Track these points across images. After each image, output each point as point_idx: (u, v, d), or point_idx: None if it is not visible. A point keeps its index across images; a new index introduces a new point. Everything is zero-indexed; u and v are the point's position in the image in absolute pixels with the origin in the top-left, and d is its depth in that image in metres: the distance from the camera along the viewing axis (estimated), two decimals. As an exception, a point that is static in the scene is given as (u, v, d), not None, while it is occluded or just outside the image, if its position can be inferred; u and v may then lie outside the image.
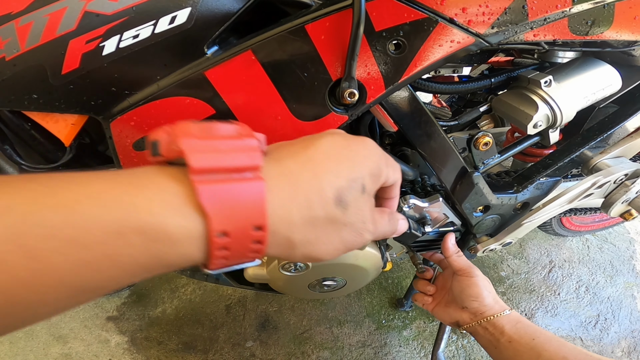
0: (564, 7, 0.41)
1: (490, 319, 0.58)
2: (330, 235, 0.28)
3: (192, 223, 0.21)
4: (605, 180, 0.61)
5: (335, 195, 0.27)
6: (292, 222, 0.26)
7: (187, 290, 1.11)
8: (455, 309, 0.63)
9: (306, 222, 0.26)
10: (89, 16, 0.33)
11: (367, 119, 0.55)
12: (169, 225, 0.20)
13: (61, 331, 1.02)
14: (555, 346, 0.51)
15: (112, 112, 0.38)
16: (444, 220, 0.62)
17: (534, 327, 0.56)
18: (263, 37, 0.36)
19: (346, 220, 0.29)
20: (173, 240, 0.20)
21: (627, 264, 1.19)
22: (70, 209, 0.18)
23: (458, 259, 0.64)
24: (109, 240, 0.19)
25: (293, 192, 0.26)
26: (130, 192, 0.20)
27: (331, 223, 0.28)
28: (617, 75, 0.52)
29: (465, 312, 0.61)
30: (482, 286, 0.61)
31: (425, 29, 0.38)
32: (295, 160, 0.27)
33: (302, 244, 0.27)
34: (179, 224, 0.20)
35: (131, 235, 0.19)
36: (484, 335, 0.58)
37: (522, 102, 0.51)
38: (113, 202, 0.19)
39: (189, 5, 0.34)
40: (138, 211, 0.19)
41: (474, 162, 0.57)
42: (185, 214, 0.21)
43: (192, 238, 0.21)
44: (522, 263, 1.19)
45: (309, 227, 0.27)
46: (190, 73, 0.36)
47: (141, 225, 0.19)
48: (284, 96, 0.40)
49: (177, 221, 0.20)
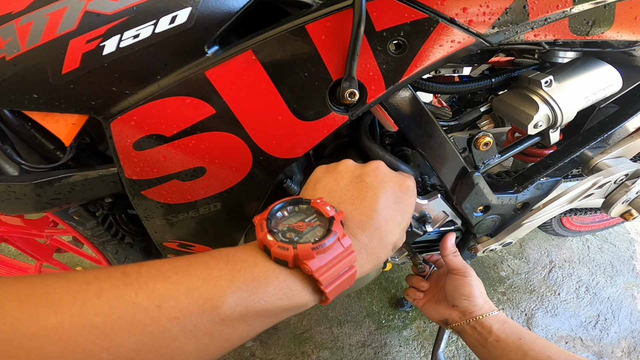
0: (565, 7, 0.41)
1: (479, 319, 0.59)
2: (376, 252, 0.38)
3: (318, 298, 0.33)
4: (606, 180, 0.61)
5: (393, 246, 0.39)
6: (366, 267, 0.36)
7: (187, 290, 1.11)
8: (446, 307, 0.64)
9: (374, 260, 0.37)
10: (90, 16, 0.33)
11: (368, 119, 0.55)
12: (307, 301, 0.32)
13: (61, 331, 1.02)
14: (540, 346, 0.53)
15: (113, 112, 0.38)
16: (444, 219, 0.62)
17: (520, 327, 0.58)
18: (264, 37, 0.36)
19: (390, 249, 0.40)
20: (307, 305, 0.33)
21: (627, 264, 1.19)
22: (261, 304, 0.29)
23: (454, 259, 0.65)
24: (282, 314, 0.31)
25: (368, 257, 0.36)
26: (290, 290, 0.31)
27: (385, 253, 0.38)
28: (617, 76, 0.52)
29: (455, 311, 0.62)
30: (475, 286, 0.62)
31: (426, 29, 0.38)
32: (366, 234, 0.36)
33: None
34: (311, 299, 0.33)
35: (292, 310, 0.32)
36: (471, 335, 0.59)
37: (522, 102, 0.51)
38: (285, 296, 0.31)
39: (190, 5, 0.34)
40: (296, 300, 0.31)
41: (474, 162, 0.57)
42: (315, 296, 0.33)
43: (316, 302, 0.34)
44: (522, 263, 1.19)
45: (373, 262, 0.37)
46: (190, 73, 0.36)
47: (295, 306, 0.32)
48: (284, 96, 0.40)
49: (311, 298, 0.33)
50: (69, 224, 0.65)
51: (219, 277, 0.29)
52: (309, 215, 0.35)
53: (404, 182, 0.41)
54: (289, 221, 0.35)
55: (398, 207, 0.39)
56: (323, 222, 0.34)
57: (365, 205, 0.37)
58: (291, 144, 0.43)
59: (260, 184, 0.47)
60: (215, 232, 0.55)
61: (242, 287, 0.29)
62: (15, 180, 0.44)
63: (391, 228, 0.38)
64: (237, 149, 0.42)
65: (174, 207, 0.49)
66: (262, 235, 0.32)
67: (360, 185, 0.39)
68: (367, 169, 0.40)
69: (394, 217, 0.38)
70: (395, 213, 0.39)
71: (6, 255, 1.06)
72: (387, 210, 0.38)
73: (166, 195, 0.46)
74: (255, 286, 0.29)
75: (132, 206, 0.49)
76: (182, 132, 0.40)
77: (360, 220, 0.36)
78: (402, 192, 0.40)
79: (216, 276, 0.29)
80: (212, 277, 0.29)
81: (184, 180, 0.45)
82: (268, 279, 0.30)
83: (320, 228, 0.33)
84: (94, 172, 0.45)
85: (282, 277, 0.31)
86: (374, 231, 0.36)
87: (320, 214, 0.35)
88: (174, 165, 0.43)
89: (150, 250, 0.77)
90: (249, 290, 0.29)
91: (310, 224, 0.34)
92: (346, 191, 0.38)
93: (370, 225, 0.36)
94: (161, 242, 0.58)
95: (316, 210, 0.35)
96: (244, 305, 0.28)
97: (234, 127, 0.41)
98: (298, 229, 0.33)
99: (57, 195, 0.46)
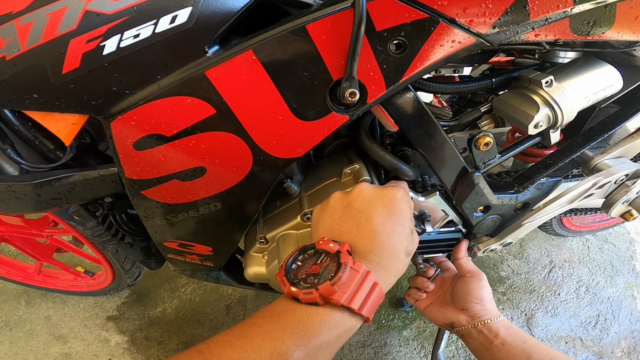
0: (566, 7, 0.41)
1: (487, 323, 0.60)
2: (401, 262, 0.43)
3: (360, 321, 0.38)
4: (606, 180, 0.61)
5: (405, 253, 0.43)
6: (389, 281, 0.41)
7: (187, 290, 1.11)
8: (453, 311, 0.64)
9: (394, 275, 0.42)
10: (90, 15, 0.33)
11: (368, 119, 0.55)
12: (352, 324, 0.37)
13: (61, 331, 1.02)
14: (543, 350, 0.55)
15: (113, 112, 0.38)
16: (444, 219, 0.62)
17: (523, 332, 0.59)
18: (264, 36, 0.36)
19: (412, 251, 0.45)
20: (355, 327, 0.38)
21: (627, 264, 1.19)
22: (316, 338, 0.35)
23: (468, 262, 0.67)
24: (337, 341, 0.36)
25: (386, 271, 0.41)
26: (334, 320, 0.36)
27: (405, 264, 0.43)
28: (618, 76, 0.52)
29: (464, 314, 0.62)
30: (487, 290, 0.63)
31: (427, 29, 0.38)
32: (374, 254, 0.40)
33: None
34: (354, 321, 0.37)
35: (344, 335, 0.37)
36: (477, 338, 0.60)
37: (523, 102, 0.51)
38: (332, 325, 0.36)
39: (190, 5, 0.33)
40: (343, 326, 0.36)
41: (474, 162, 0.57)
42: (356, 317, 0.37)
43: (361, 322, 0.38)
44: (522, 263, 1.19)
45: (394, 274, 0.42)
46: (191, 73, 0.36)
47: (344, 331, 0.37)
48: (284, 96, 0.40)
49: (354, 320, 0.37)
50: (69, 223, 0.65)
51: (272, 330, 0.35)
52: (319, 257, 0.39)
53: (390, 194, 0.44)
54: (304, 269, 0.39)
55: (394, 219, 0.43)
56: (332, 259, 0.38)
57: (363, 230, 0.41)
58: (291, 144, 0.43)
59: (260, 183, 0.46)
60: (216, 232, 0.55)
61: (293, 330, 0.34)
62: (15, 180, 0.44)
63: (395, 239, 0.42)
64: (237, 148, 0.42)
65: (174, 207, 0.48)
66: (287, 290, 0.37)
67: (352, 212, 0.43)
68: (352, 196, 0.44)
69: (394, 229, 0.42)
70: (393, 225, 0.42)
71: (6, 255, 1.07)
72: (385, 225, 0.42)
73: (166, 195, 0.46)
74: (304, 326, 0.35)
75: (132, 206, 0.49)
76: (182, 132, 0.40)
77: (364, 244, 0.41)
78: (392, 203, 0.44)
79: (269, 330, 0.35)
80: (267, 332, 0.35)
81: (184, 180, 0.44)
82: (310, 317, 0.35)
83: (332, 264, 0.37)
84: (94, 172, 0.45)
85: (321, 312, 0.36)
86: (380, 248, 0.40)
87: (328, 252, 0.39)
88: (174, 165, 0.43)
89: (150, 250, 0.77)
90: (301, 330, 0.34)
91: (322, 264, 0.38)
92: (342, 223, 0.43)
93: (374, 245, 0.41)
94: (161, 242, 0.58)
95: (323, 250, 0.39)
96: (303, 344, 0.34)
97: (234, 127, 0.41)
98: (314, 273, 0.38)
99: (57, 195, 0.46)
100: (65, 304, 1.08)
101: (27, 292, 1.10)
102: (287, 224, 0.58)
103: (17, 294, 1.10)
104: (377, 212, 0.42)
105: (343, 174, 0.55)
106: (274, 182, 0.47)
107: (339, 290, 0.35)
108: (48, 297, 1.09)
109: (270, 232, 0.59)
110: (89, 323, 1.04)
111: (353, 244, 0.41)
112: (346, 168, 0.55)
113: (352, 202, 0.44)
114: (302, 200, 0.58)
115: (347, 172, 0.55)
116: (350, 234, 0.41)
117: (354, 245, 0.41)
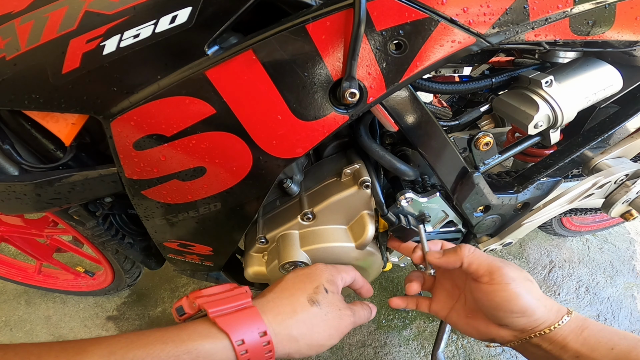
0: (565, 7, 0.41)
1: (545, 333, 0.41)
2: (319, 325, 0.42)
3: (220, 340, 0.36)
4: (606, 180, 0.61)
5: (308, 299, 0.43)
6: (287, 324, 0.40)
7: (187, 290, 1.11)
8: (488, 325, 0.45)
9: (297, 320, 0.40)
10: (90, 15, 0.33)
11: (368, 119, 0.55)
12: (205, 345, 0.35)
13: (61, 331, 1.02)
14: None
15: (113, 112, 0.38)
16: (444, 219, 0.62)
17: (609, 331, 0.41)
18: (264, 36, 0.36)
19: (324, 312, 0.43)
20: (211, 353, 0.35)
21: (627, 264, 1.19)
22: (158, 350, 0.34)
23: (474, 259, 0.46)
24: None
25: (280, 307, 0.41)
26: (181, 337, 0.35)
27: (315, 316, 0.42)
28: (618, 76, 0.52)
29: (506, 330, 0.44)
30: (527, 293, 0.42)
31: (426, 29, 0.38)
32: (272, 292, 0.43)
33: (302, 337, 0.40)
34: (213, 343, 0.36)
35: (186, 357, 0.34)
36: (534, 353, 0.43)
37: (523, 102, 0.51)
38: (175, 343, 0.35)
39: (190, 5, 0.33)
40: (187, 344, 0.35)
41: (474, 162, 0.57)
42: (214, 336, 0.36)
43: (224, 349, 0.36)
44: (522, 263, 1.19)
45: (300, 323, 0.40)
46: (190, 73, 0.36)
47: (190, 350, 0.35)
48: (284, 96, 0.40)
49: (211, 341, 0.36)
50: (69, 223, 0.65)
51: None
52: None
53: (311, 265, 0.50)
54: None
55: (306, 274, 0.48)
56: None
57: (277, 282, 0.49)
58: (291, 144, 0.43)
59: (260, 183, 0.46)
60: (216, 232, 0.55)
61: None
62: (15, 180, 0.44)
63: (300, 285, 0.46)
64: (237, 149, 0.42)
65: (174, 207, 0.48)
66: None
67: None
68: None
69: (302, 279, 0.47)
70: (303, 277, 0.47)
71: (6, 255, 1.07)
72: (295, 277, 0.48)
73: (166, 195, 0.46)
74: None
75: (132, 206, 0.49)
76: (182, 132, 0.40)
77: (270, 287, 0.47)
78: (309, 267, 0.50)
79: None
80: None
81: (184, 180, 0.44)
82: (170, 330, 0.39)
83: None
84: (94, 172, 0.45)
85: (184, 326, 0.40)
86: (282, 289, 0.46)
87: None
88: (174, 165, 0.43)
89: (150, 250, 0.77)
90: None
91: None
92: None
93: (277, 287, 0.46)
94: (161, 242, 0.58)
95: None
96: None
97: (234, 127, 0.41)
98: None
99: (57, 195, 0.46)
100: (65, 304, 1.08)
101: (27, 292, 1.10)
102: (287, 224, 0.58)
103: (17, 294, 1.10)
104: (294, 272, 0.48)
105: (343, 174, 0.55)
106: (274, 182, 0.47)
107: (204, 294, 0.39)
108: (48, 297, 1.09)
109: (270, 232, 0.59)
110: (89, 323, 1.04)
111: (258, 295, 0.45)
112: (346, 168, 0.55)
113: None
114: (302, 200, 0.58)
115: (347, 172, 0.55)
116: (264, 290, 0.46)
117: (260, 294, 0.45)
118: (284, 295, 0.43)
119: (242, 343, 0.36)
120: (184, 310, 0.40)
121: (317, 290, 0.44)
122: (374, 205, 0.56)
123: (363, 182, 0.53)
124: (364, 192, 0.54)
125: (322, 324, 0.42)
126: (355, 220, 0.57)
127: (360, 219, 0.57)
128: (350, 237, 0.58)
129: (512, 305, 0.42)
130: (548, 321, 0.42)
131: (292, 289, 0.44)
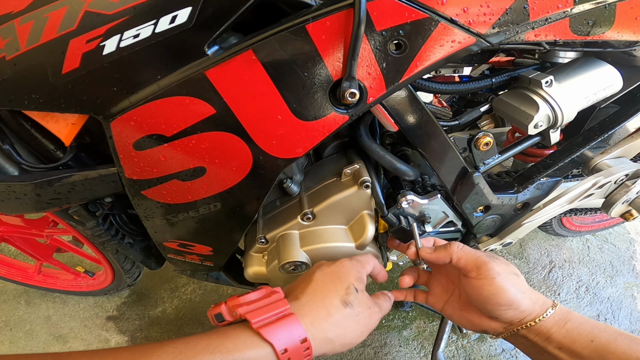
0: (566, 7, 0.41)
1: (531, 326, 0.45)
2: (352, 325, 0.43)
3: (263, 349, 0.37)
4: (606, 180, 0.61)
5: (341, 301, 0.44)
6: (323, 328, 0.41)
7: (187, 290, 1.11)
8: (480, 317, 0.49)
9: (331, 323, 0.42)
10: (90, 16, 0.33)
11: (368, 119, 0.55)
12: (250, 355, 0.36)
13: (61, 331, 1.02)
14: (623, 346, 0.40)
15: (113, 112, 0.38)
16: (444, 219, 0.62)
17: (590, 324, 0.43)
18: (264, 36, 0.36)
19: (356, 312, 0.44)
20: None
21: (627, 264, 1.19)
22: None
23: (462, 254, 0.48)
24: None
25: (315, 311, 0.42)
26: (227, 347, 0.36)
27: (348, 317, 0.43)
28: (618, 76, 0.52)
29: (495, 322, 0.47)
30: (512, 287, 0.45)
31: (426, 29, 0.38)
32: (306, 294, 0.44)
33: (337, 338, 0.42)
34: (257, 352, 0.37)
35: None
36: (523, 343, 0.47)
37: (523, 102, 0.51)
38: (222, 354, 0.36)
39: (190, 5, 0.33)
40: (234, 354, 0.36)
41: (474, 162, 0.57)
42: (258, 346, 0.37)
43: (267, 357, 0.37)
44: (522, 263, 1.19)
45: (335, 326, 0.42)
46: (190, 73, 0.36)
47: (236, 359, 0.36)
48: (284, 96, 0.40)
49: (255, 351, 0.37)
50: (69, 223, 0.65)
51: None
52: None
53: (338, 261, 0.49)
54: None
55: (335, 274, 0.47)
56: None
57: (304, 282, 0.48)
58: (291, 144, 0.43)
59: (260, 183, 0.46)
60: (216, 232, 0.55)
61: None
62: (15, 180, 0.44)
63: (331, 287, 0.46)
64: (237, 149, 0.42)
65: (174, 207, 0.48)
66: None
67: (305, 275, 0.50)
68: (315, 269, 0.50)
69: (332, 279, 0.46)
70: (333, 277, 0.47)
71: (6, 255, 1.07)
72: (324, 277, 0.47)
73: (166, 195, 0.46)
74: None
75: (132, 206, 0.49)
76: (182, 132, 0.40)
77: (301, 288, 0.46)
78: (335, 264, 0.48)
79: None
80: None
81: (184, 180, 0.44)
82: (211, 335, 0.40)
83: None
84: (94, 172, 0.45)
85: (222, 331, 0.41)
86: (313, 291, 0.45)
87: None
88: (174, 165, 0.43)
89: (150, 250, 0.77)
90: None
91: None
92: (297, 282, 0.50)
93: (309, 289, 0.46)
94: (161, 242, 0.58)
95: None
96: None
97: (234, 127, 0.41)
98: None
99: (57, 195, 0.46)
100: (65, 304, 1.08)
101: (27, 292, 1.10)
102: (287, 224, 0.58)
103: (17, 294, 1.10)
104: (321, 269, 0.47)
105: (343, 174, 0.55)
106: (274, 182, 0.47)
107: (243, 301, 0.40)
108: (48, 297, 1.09)
109: (270, 232, 0.59)
110: (89, 323, 1.04)
111: (292, 291, 0.46)
112: (346, 168, 0.55)
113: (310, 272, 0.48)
114: (302, 200, 0.58)
115: (347, 172, 0.55)
116: (293, 286, 0.47)
117: (292, 289, 0.46)
118: (317, 297, 0.44)
119: (285, 352, 0.37)
120: (223, 317, 0.41)
121: (348, 291, 0.45)
122: (374, 206, 0.56)
123: (363, 182, 0.53)
124: (364, 192, 0.54)
125: (354, 324, 0.44)
126: (355, 220, 0.58)
127: (360, 219, 0.57)
128: (350, 237, 0.58)
129: (499, 298, 0.45)
130: (533, 313, 0.45)
131: (324, 290, 0.44)
